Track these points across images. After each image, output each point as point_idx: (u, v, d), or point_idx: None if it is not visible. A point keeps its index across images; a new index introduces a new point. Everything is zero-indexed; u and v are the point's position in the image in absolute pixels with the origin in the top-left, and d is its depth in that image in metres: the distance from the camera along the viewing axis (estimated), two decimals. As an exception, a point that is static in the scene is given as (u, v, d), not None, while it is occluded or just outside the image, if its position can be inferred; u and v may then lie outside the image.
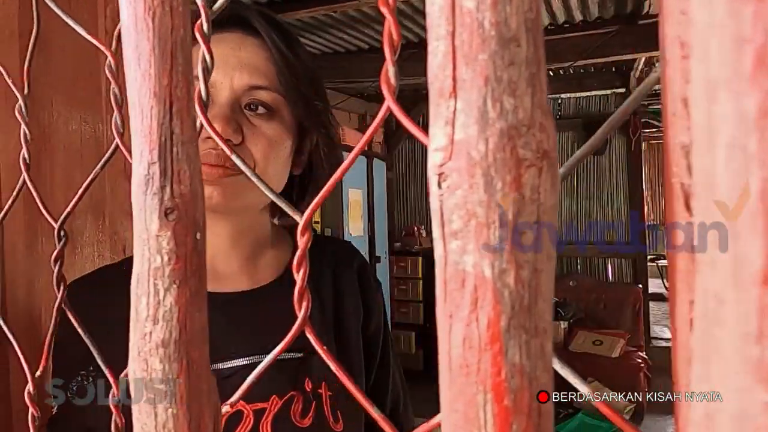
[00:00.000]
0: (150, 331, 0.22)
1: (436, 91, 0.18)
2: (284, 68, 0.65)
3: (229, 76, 0.64)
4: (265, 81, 0.65)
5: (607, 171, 5.32)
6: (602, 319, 4.81)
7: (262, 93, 0.65)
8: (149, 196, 0.22)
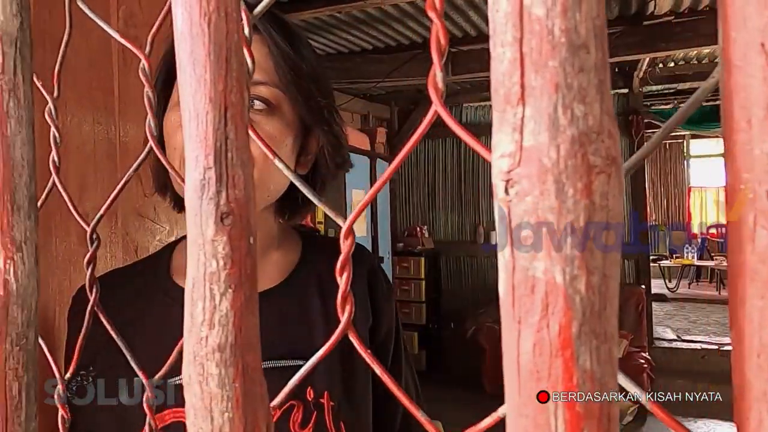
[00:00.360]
0: (206, 335, 0.22)
1: (502, 98, 0.18)
2: (284, 64, 0.63)
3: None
4: (264, 76, 0.63)
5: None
6: (605, 319, 4.80)
7: (261, 88, 0.63)
8: (205, 200, 0.22)
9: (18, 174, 0.30)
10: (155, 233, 1.14)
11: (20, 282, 0.30)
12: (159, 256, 0.74)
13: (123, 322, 0.70)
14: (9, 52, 0.30)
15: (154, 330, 0.66)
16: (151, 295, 0.70)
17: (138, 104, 1.10)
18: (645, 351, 4.56)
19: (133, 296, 0.71)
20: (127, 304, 0.69)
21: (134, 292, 0.72)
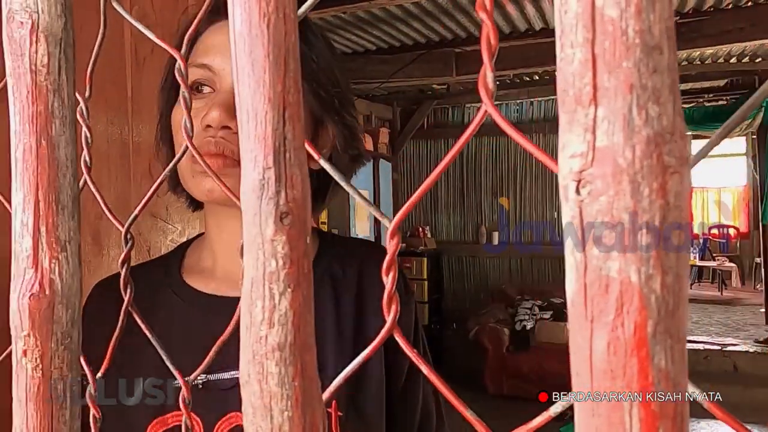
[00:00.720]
0: (265, 334, 0.22)
1: (572, 98, 0.18)
2: None
3: (231, 62, 0.62)
4: None
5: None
6: (608, 320, 4.80)
7: None
8: (264, 201, 0.22)
9: (62, 174, 0.30)
10: (167, 233, 1.14)
11: (65, 281, 0.30)
12: (172, 256, 0.74)
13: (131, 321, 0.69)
14: (54, 53, 0.30)
15: (161, 329, 0.64)
16: (160, 294, 0.69)
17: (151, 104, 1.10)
18: (648, 351, 4.56)
19: (142, 295, 0.70)
20: (137, 303, 0.68)
21: (144, 291, 0.70)
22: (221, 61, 0.61)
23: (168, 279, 0.70)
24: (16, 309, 0.29)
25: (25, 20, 0.29)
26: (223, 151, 0.59)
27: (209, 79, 0.62)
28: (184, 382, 0.35)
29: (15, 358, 0.30)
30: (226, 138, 0.60)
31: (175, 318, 0.66)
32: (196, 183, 0.61)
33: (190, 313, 0.66)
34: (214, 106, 0.58)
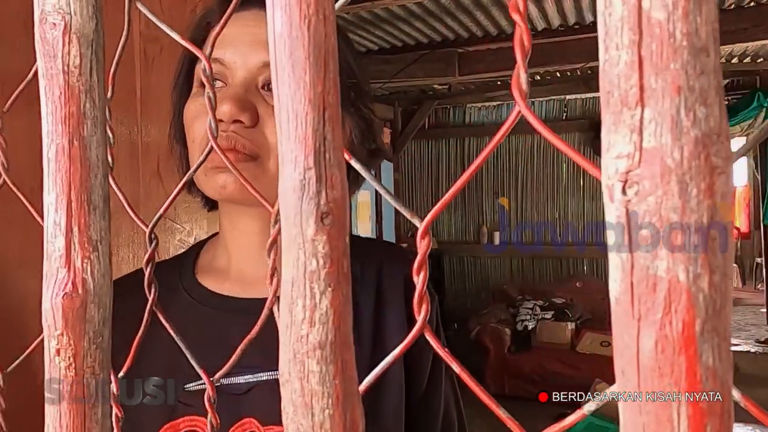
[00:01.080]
0: (306, 333, 0.22)
1: (618, 100, 0.19)
2: None
3: (243, 54, 0.60)
4: None
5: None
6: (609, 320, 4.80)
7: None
8: (305, 201, 0.22)
9: (94, 174, 0.30)
10: (176, 233, 1.14)
11: (96, 281, 0.30)
12: (186, 256, 0.73)
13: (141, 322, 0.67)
14: (86, 54, 0.30)
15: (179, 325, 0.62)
16: (173, 294, 0.68)
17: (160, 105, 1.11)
18: (649, 351, 4.56)
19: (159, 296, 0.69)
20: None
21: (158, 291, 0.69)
22: (232, 53, 0.60)
23: (182, 279, 0.69)
24: (50, 308, 0.29)
25: (57, 22, 0.29)
26: (234, 146, 0.58)
27: (220, 73, 0.61)
28: (210, 383, 0.36)
29: (48, 357, 0.30)
30: (237, 132, 0.58)
31: (189, 319, 0.64)
32: (209, 180, 0.60)
33: (204, 314, 0.65)
34: (225, 99, 0.57)
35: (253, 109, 0.59)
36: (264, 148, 0.59)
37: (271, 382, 0.59)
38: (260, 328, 0.31)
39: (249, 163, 0.58)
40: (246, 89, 0.59)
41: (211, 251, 0.72)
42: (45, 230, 0.30)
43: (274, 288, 0.32)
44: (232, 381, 0.60)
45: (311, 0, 0.22)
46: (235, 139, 0.58)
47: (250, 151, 0.59)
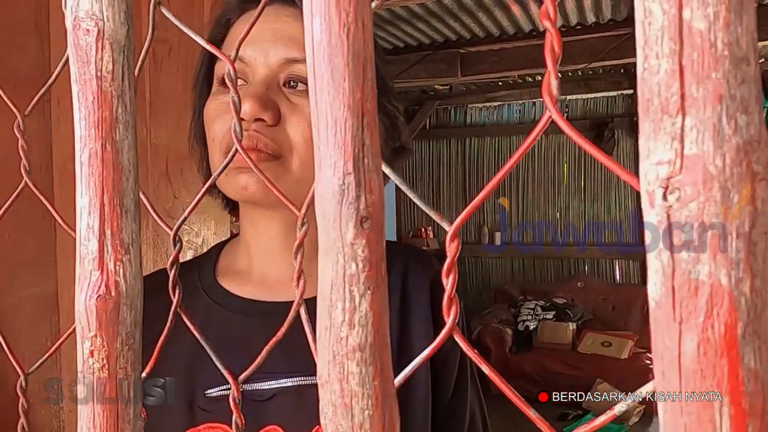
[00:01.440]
0: (346, 335, 0.23)
1: (658, 107, 0.19)
2: None
3: (264, 51, 0.58)
4: (303, 53, 0.58)
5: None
6: (610, 320, 4.82)
7: (301, 66, 0.58)
8: (345, 205, 0.23)
9: (126, 178, 0.31)
10: (183, 234, 1.15)
11: (129, 283, 0.31)
12: (206, 257, 0.72)
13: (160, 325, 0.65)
14: (118, 59, 0.31)
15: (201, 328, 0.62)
16: (194, 297, 0.66)
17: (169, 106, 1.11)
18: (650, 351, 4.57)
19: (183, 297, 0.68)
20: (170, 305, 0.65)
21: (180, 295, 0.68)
22: (253, 51, 0.58)
23: (202, 281, 0.67)
24: (83, 310, 0.30)
25: (91, 28, 0.30)
26: (257, 145, 0.56)
27: (241, 71, 0.59)
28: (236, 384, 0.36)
29: (81, 359, 0.30)
30: (259, 131, 0.57)
31: (209, 321, 0.63)
32: (230, 180, 0.58)
33: (225, 317, 0.64)
34: (246, 98, 0.55)
35: (275, 107, 0.57)
36: (287, 147, 0.58)
37: (295, 388, 0.58)
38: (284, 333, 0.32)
39: (271, 163, 0.57)
40: (267, 87, 0.58)
41: (232, 253, 0.70)
42: (78, 233, 0.31)
43: (300, 291, 0.33)
44: (255, 387, 0.58)
45: (350, 8, 0.23)
46: (257, 138, 0.56)
47: (273, 150, 0.57)
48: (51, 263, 0.88)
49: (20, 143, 0.47)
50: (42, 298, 0.87)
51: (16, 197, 0.48)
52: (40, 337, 0.86)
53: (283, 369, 0.57)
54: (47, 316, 0.87)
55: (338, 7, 0.23)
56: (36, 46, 0.88)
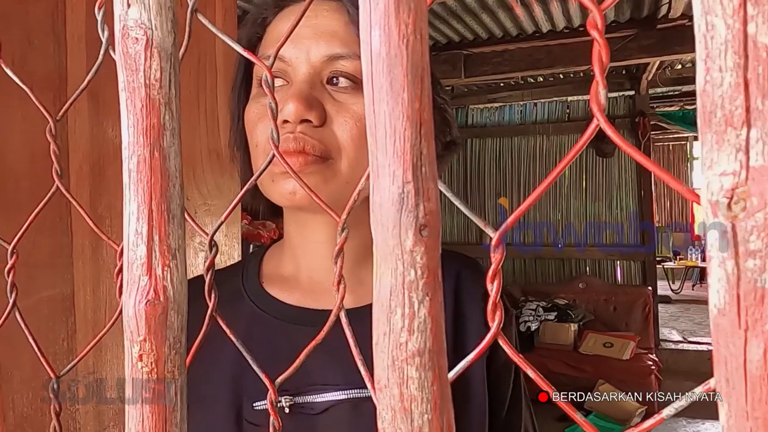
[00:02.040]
0: (405, 341, 0.23)
1: (721, 120, 0.19)
2: None
3: (305, 49, 0.56)
4: (346, 48, 0.56)
5: (616, 173, 5.34)
6: (612, 321, 4.83)
7: (344, 62, 0.56)
8: (404, 213, 0.23)
9: (173, 185, 0.31)
10: (195, 236, 1.15)
11: (176, 288, 0.31)
12: (248, 263, 0.68)
13: (209, 330, 0.62)
14: (166, 67, 0.31)
15: (246, 338, 0.58)
16: (238, 304, 0.64)
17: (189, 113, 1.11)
18: (652, 352, 4.58)
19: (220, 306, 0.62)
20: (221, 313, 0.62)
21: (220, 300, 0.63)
22: (293, 49, 0.56)
23: (246, 287, 0.64)
24: (132, 315, 0.30)
25: (140, 36, 0.30)
26: (304, 148, 0.54)
27: (282, 71, 0.57)
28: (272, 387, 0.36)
29: (129, 362, 0.31)
30: (306, 132, 0.54)
31: (256, 331, 0.60)
32: (276, 186, 0.56)
33: (273, 326, 0.61)
34: (290, 98, 0.53)
35: (320, 106, 0.55)
36: (334, 148, 0.55)
37: (350, 402, 0.56)
38: (337, 344, 0.32)
39: (320, 165, 0.55)
40: (311, 86, 0.55)
41: (276, 258, 0.67)
42: (125, 239, 0.31)
43: (341, 295, 0.33)
44: (307, 400, 0.56)
45: (409, 20, 0.23)
46: (304, 141, 0.54)
47: (321, 152, 0.55)
48: (67, 265, 0.88)
49: (52, 147, 0.47)
50: (58, 300, 0.87)
51: (48, 201, 0.49)
52: (57, 338, 0.87)
53: (337, 381, 0.55)
54: (63, 318, 0.88)
55: (398, 18, 0.23)
56: (53, 48, 0.89)
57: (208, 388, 0.58)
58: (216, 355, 0.56)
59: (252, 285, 0.65)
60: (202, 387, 0.56)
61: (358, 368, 0.31)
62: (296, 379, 0.31)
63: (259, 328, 0.61)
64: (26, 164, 0.82)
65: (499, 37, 3.57)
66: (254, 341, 0.57)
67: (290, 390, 0.56)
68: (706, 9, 0.20)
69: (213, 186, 1.19)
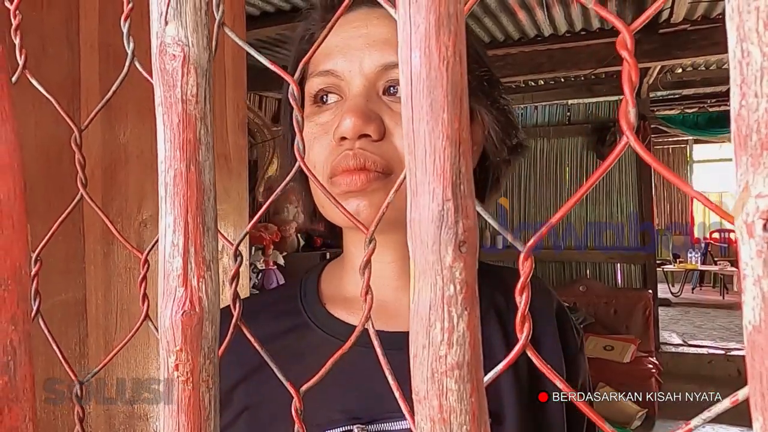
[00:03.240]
0: (445, 354, 0.24)
1: (757, 144, 0.20)
2: None
3: (357, 61, 0.54)
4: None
5: (616, 176, 5.35)
6: (612, 324, 4.84)
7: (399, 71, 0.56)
8: (444, 230, 0.24)
9: (207, 198, 0.32)
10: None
11: (210, 299, 0.32)
12: (306, 284, 0.65)
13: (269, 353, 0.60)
14: (201, 83, 0.32)
15: (306, 368, 0.51)
16: (302, 329, 0.61)
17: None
18: (652, 355, 4.59)
19: (278, 328, 0.61)
20: (271, 335, 0.60)
21: (280, 323, 0.61)
22: (344, 62, 0.54)
23: (308, 311, 0.62)
24: (169, 326, 0.31)
25: (177, 53, 0.31)
26: (365, 164, 0.52)
27: (335, 86, 0.56)
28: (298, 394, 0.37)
29: (164, 372, 0.32)
30: (365, 148, 0.52)
31: (323, 355, 0.57)
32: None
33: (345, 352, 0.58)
34: (346, 114, 0.51)
35: (379, 119, 0.53)
36: (396, 162, 0.53)
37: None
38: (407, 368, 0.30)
39: (382, 181, 0.53)
40: (367, 98, 0.53)
41: (337, 278, 0.64)
42: (161, 251, 0.32)
43: (369, 305, 0.34)
44: (381, 428, 0.53)
45: (449, 43, 0.24)
46: (365, 157, 0.52)
47: (383, 167, 0.53)
48: (80, 270, 0.89)
49: (77, 157, 0.48)
50: (71, 305, 0.88)
51: (72, 209, 0.49)
52: (69, 342, 0.87)
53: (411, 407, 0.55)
54: (76, 322, 0.88)
55: (438, 41, 0.24)
56: (66, 55, 0.90)
57: (275, 408, 0.54)
58: (278, 383, 0.55)
59: (313, 307, 0.62)
60: (269, 406, 0.54)
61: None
62: (370, 406, 0.29)
63: (327, 353, 0.59)
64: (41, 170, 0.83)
65: (501, 40, 3.58)
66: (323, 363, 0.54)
67: (364, 418, 0.53)
68: (741, 36, 0.21)
69: (221, 190, 1.20)
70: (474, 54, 0.56)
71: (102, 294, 0.93)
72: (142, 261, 0.44)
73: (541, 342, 0.61)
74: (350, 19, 0.56)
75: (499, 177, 0.62)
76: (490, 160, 0.61)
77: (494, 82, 0.59)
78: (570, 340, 0.64)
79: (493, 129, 0.58)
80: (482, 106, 0.57)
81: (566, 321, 0.66)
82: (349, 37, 0.55)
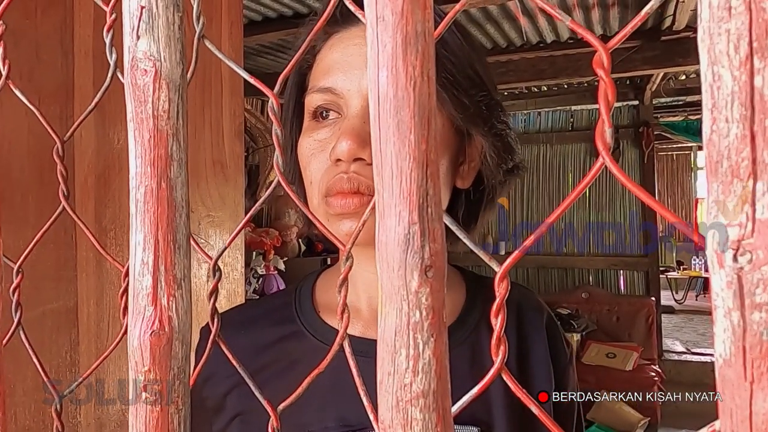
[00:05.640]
0: (410, 382, 0.23)
1: (728, 170, 0.19)
2: None
3: (356, 80, 0.53)
4: None
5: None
6: (615, 331, 4.81)
7: None
8: (410, 254, 0.23)
9: (179, 215, 0.31)
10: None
11: (180, 318, 0.31)
12: (300, 291, 0.65)
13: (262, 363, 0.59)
14: (174, 99, 0.31)
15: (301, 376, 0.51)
16: (297, 337, 0.61)
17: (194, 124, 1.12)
18: (655, 363, 4.56)
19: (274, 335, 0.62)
20: (266, 345, 0.61)
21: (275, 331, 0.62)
22: (344, 80, 0.53)
23: (302, 319, 0.62)
24: (137, 345, 0.30)
25: (148, 68, 0.31)
26: (358, 188, 0.52)
27: (333, 103, 0.55)
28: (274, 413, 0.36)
29: (133, 392, 0.31)
30: (359, 172, 0.51)
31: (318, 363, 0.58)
32: (332, 227, 0.54)
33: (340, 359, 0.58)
34: (343, 136, 0.51)
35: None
36: None
37: None
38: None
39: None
40: (364, 120, 0.52)
41: (331, 286, 0.64)
42: (131, 269, 0.31)
43: (345, 324, 0.33)
44: None
45: (417, 63, 0.23)
46: (359, 181, 0.51)
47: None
48: (72, 278, 0.89)
49: (59, 168, 0.47)
50: (62, 313, 0.88)
51: (54, 221, 0.49)
52: (60, 350, 0.87)
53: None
54: (67, 330, 0.88)
55: (405, 61, 0.23)
56: (60, 62, 0.89)
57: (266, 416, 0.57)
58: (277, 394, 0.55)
59: (308, 317, 0.62)
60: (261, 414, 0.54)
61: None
62: (365, 414, 0.29)
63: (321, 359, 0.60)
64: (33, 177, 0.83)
65: (503, 47, 3.58)
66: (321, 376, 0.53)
67: (354, 425, 0.54)
68: (712, 59, 0.20)
69: (217, 198, 1.19)
70: (474, 76, 0.56)
71: (94, 302, 0.92)
72: (123, 274, 0.44)
73: (530, 353, 0.61)
74: (350, 35, 0.56)
75: (494, 197, 0.62)
76: (487, 181, 0.61)
77: (493, 105, 0.58)
78: (560, 352, 0.64)
79: (489, 154, 0.58)
80: (479, 131, 0.57)
81: (556, 333, 0.66)
82: (350, 54, 0.54)
